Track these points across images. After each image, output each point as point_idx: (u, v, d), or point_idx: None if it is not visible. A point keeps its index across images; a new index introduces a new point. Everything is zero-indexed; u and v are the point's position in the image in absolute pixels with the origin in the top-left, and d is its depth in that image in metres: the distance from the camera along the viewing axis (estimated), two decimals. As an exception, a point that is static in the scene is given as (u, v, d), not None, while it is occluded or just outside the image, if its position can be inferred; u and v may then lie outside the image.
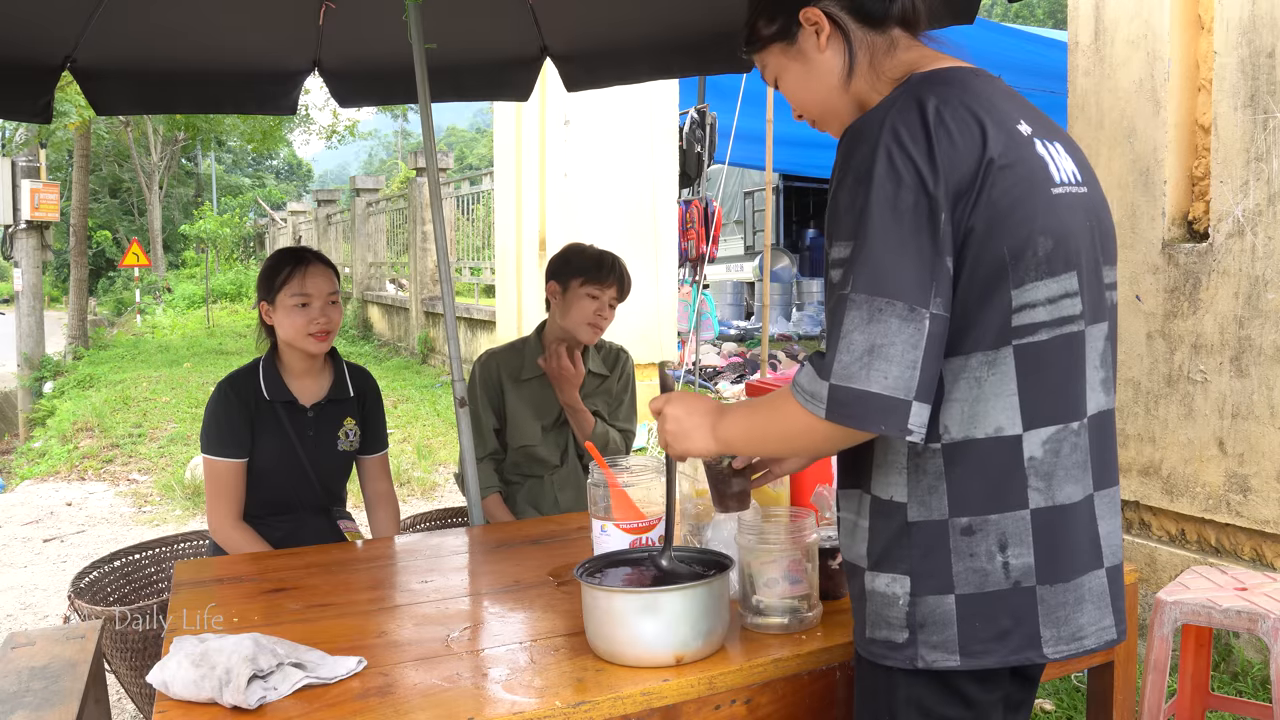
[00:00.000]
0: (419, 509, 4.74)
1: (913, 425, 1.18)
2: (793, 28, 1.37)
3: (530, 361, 2.84)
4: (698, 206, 8.72)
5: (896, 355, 1.17)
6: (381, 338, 15.27)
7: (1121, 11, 3.67)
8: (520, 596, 1.84)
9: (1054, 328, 1.25)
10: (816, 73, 1.38)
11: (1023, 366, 1.23)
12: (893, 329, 1.16)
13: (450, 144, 52.28)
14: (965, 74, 1.30)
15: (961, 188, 1.19)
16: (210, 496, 2.47)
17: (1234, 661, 3.28)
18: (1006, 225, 1.21)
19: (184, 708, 1.39)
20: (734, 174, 13.80)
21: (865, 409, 1.18)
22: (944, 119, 1.21)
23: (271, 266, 2.51)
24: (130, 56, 3.13)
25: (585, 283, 2.75)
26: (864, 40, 1.35)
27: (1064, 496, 1.27)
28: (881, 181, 1.18)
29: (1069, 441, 1.27)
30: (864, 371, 1.17)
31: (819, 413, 1.20)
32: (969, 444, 1.24)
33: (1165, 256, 3.52)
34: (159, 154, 25.81)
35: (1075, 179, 1.31)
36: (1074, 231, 1.27)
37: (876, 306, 1.17)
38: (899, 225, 1.18)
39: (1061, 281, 1.25)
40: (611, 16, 3.28)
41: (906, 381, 1.17)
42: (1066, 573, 1.27)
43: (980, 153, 1.20)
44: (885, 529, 1.29)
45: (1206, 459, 3.39)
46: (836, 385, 1.19)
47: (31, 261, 13.37)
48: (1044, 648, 1.26)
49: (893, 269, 1.17)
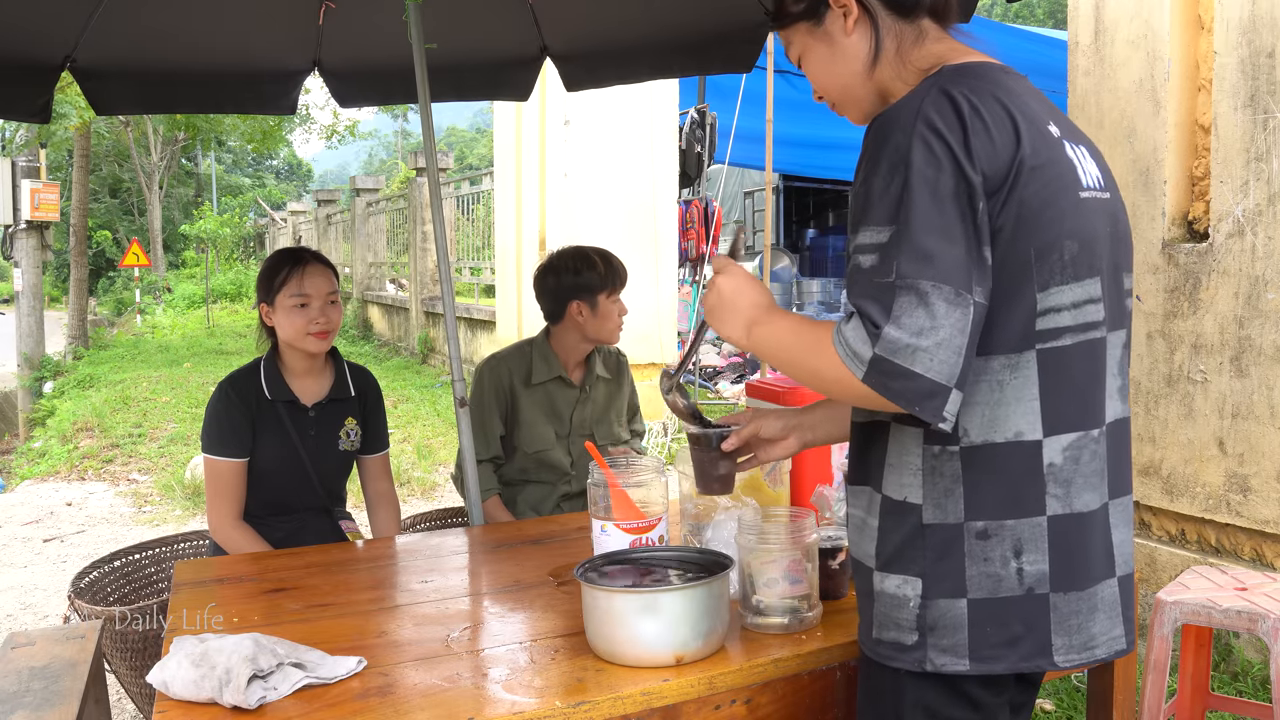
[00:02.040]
0: (419, 509, 4.74)
1: (948, 413, 1.16)
2: (820, 8, 1.36)
3: (540, 365, 2.82)
4: (698, 206, 8.73)
5: (945, 340, 1.14)
6: (381, 338, 15.27)
7: (1121, 11, 3.67)
8: (520, 596, 1.84)
9: (1077, 333, 1.24)
10: (841, 56, 1.37)
11: (1045, 371, 1.22)
12: (940, 312, 1.14)
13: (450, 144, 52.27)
14: (996, 70, 1.29)
15: (996, 181, 1.18)
16: (211, 496, 2.47)
17: (1234, 661, 3.28)
18: (1035, 225, 1.20)
19: (184, 708, 1.39)
20: (734, 174, 13.79)
21: (906, 387, 1.15)
22: (979, 111, 1.19)
23: (270, 267, 2.51)
24: (130, 56, 3.13)
25: (612, 292, 2.74)
26: (892, 28, 1.34)
27: (1082, 504, 1.26)
28: (921, 167, 1.16)
29: (1089, 449, 1.26)
30: (910, 352, 1.14)
31: (858, 373, 1.17)
32: (988, 448, 1.23)
33: (1165, 256, 3.52)
34: (159, 154, 25.81)
35: (1099, 184, 1.31)
36: (1098, 236, 1.27)
37: (923, 290, 1.14)
38: (941, 209, 1.16)
39: (1086, 286, 1.24)
40: (611, 16, 3.28)
41: (950, 368, 1.14)
42: (1081, 581, 1.26)
43: (1014, 150, 1.19)
44: (897, 530, 1.28)
45: (1206, 459, 3.39)
46: (882, 357, 1.15)
47: (31, 261, 13.37)
48: (1055, 656, 1.25)
49: (938, 252, 1.15)
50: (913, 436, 1.27)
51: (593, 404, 2.89)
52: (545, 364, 2.82)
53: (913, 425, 1.26)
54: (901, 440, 1.28)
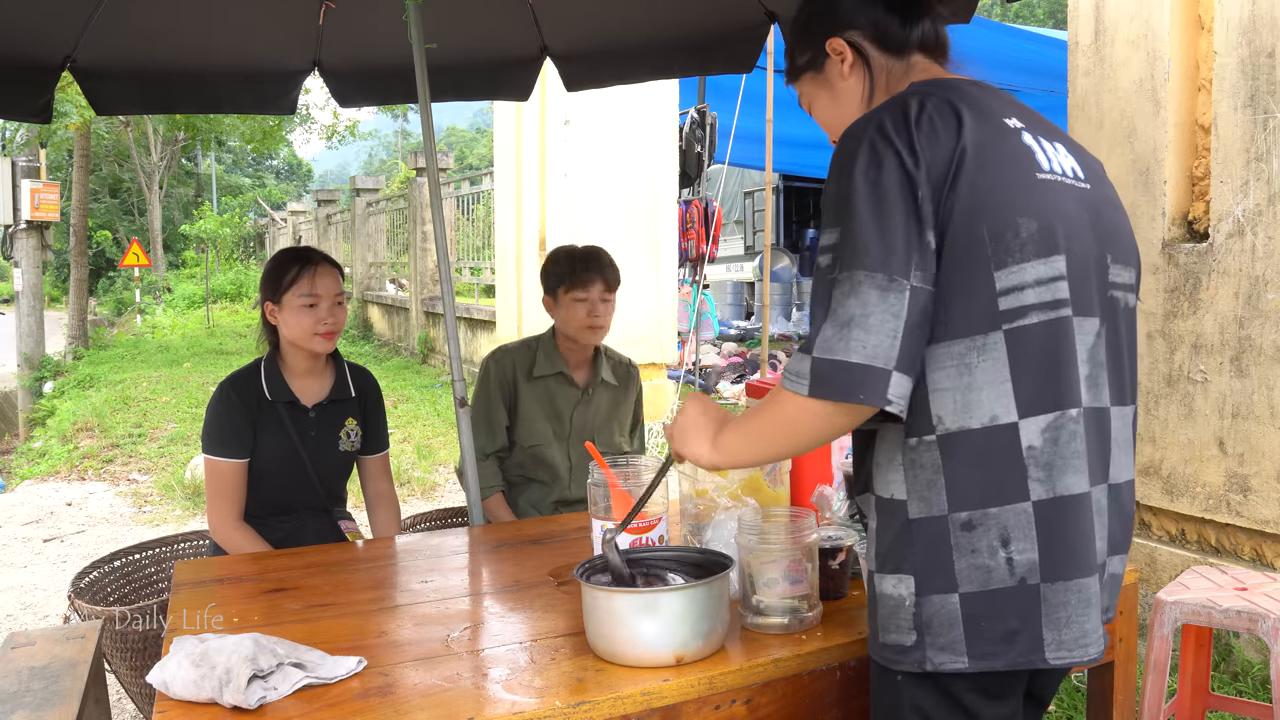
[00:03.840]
0: (419, 509, 4.75)
1: (892, 395, 1.18)
2: (820, 58, 1.46)
3: (543, 360, 2.84)
4: (698, 206, 8.73)
5: (875, 324, 1.18)
6: (381, 338, 15.27)
7: (1121, 11, 3.67)
8: (520, 596, 1.84)
9: (1042, 311, 1.23)
10: (841, 99, 1.46)
11: (1015, 351, 1.22)
12: (872, 300, 1.19)
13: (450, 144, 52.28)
14: (961, 81, 1.34)
15: (940, 168, 1.22)
16: (211, 497, 2.47)
17: (1234, 661, 3.28)
18: (985, 207, 1.22)
19: (184, 708, 1.39)
20: (734, 174, 13.80)
21: (845, 379, 1.19)
22: (926, 111, 1.24)
23: (277, 266, 2.50)
24: (130, 56, 3.13)
25: (570, 288, 2.75)
26: (884, 66, 1.42)
27: (1064, 488, 1.23)
28: (864, 168, 1.23)
29: (1067, 429, 1.24)
30: (843, 342, 1.19)
31: (803, 390, 1.22)
32: (965, 434, 1.23)
33: (1165, 256, 3.52)
34: (159, 154, 25.82)
35: (1073, 173, 1.32)
36: (1064, 217, 1.26)
37: (857, 280, 1.20)
38: (879, 203, 1.21)
39: (1049, 264, 1.23)
40: (611, 16, 3.28)
41: (886, 350, 1.18)
42: (1071, 570, 1.24)
43: (956, 138, 1.23)
44: (888, 529, 1.29)
45: (1206, 459, 3.39)
46: (818, 358, 1.21)
47: (31, 261, 13.37)
48: (1045, 651, 1.23)
49: (873, 243, 1.20)
50: (895, 432, 1.28)
51: (595, 408, 2.89)
52: (548, 359, 2.84)
53: (893, 422, 1.27)
54: (886, 437, 1.29)
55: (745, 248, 15.79)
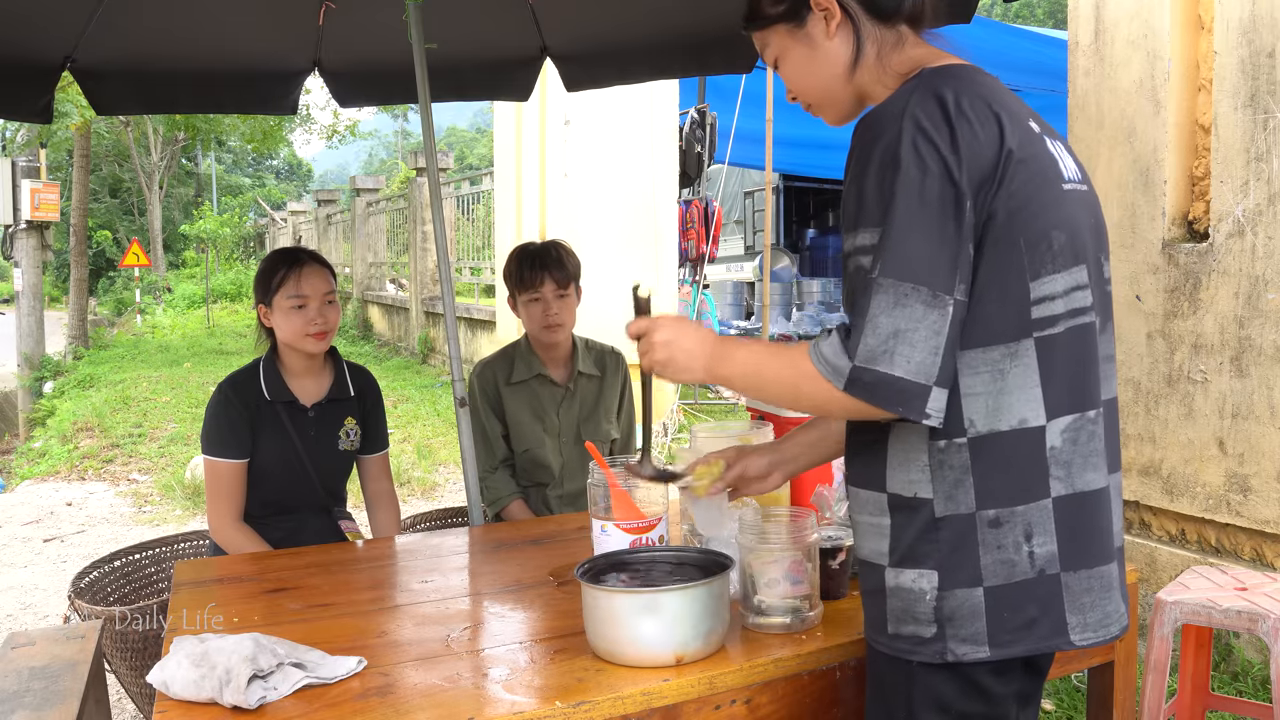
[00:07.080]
0: (419, 509, 4.75)
1: (930, 410, 1.21)
2: (802, 10, 1.37)
3: (520, 365, 2.84)
4: (698, 206, 8.73)
5: (920, 340, 1.19)
6: (381, 338, 15.27)
7: (1121, 11, 3.67)
8: (520, 596, 1.84)
9: (1069, 319, 1.28)
10: (821, 59, 1.38)
11: (1044, 357, 1.26)
12: (917, 315, 1.19)
13: (450, 144, 52.26)
14: (971, 71, 1.33)
15: (984, 177, 1.22)
16: (210, 497, 2.47)
17: (1234, 661, 3.28)
18: (1022, 217, 1.24)
19: (184, 708, 1.39)
20: (734, 174, 13.79)
21: (887, 391, 1.21)
22: (964, 110, 1.23)
23: (266, 269, 2.50)
24: (131, 56, 3.13)
25: (522, 291, 2.76)
26: (873, 33, 1.36)
27: (1084, 483, 1.29)
28: (908, 169, 1.20)
29: (1086, 430, 1.29)
30: (887, 356, 1.20)
31: (837, 385, 1.23)
32: (995, 437, 1.26)
33: (1165, 256, 3.52)
34: (159, 154, 25.82)
35: (1079, 178, 1.35)
36: (1082, 226, 1.31)
37: (902, 292, 1.19)
38: (926, 213, 1.20)
39: (1074, 274, 1.28)
40: (611, 16, 3.28)
41: (928, 367, 1.20)
42: (1090, 559, 1.29)
43: (999, 144, 1.23)
44: (910, 525, 1.30)
45: (1206, 459, 3.39)
46: (860, 366, 1.21)
47: (31, 261, 13.38)
48: (1071, 635, 1.28)
49: (919, 255, 1.20)
50: (917, 434, 1.29)
51: (580, 402, 2.88)
52: (525, 364, 2.84)
53: (909, 422, 1.28)
54: (905, 438, 1.30)
55: (745, 248, 15.80)
